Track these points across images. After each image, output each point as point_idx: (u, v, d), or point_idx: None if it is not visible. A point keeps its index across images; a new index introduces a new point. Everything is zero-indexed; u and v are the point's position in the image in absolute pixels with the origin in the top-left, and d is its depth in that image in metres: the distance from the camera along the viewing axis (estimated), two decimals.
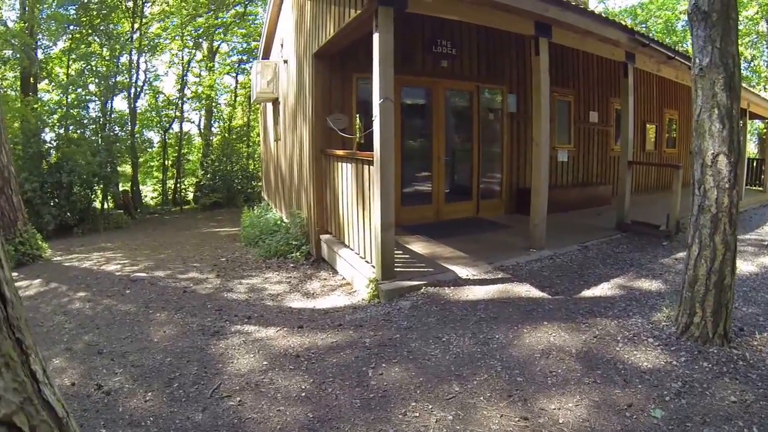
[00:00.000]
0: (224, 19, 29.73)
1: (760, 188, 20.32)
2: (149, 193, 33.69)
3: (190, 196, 31.93)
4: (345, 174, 8.25)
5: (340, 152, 8.52)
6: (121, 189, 26.34)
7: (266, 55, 17.94)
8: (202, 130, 33.98)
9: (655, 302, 5.91)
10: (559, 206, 11.49)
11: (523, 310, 5.81)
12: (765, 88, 24.87)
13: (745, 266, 7.60)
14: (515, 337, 5.05)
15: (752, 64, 29.08)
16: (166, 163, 31.94)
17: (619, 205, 10.52)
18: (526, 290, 6.52)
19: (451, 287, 6.72)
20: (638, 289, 6.53)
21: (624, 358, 4.47)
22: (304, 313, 6.72)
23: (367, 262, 7.47)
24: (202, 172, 29.86)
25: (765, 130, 24.86)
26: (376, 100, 6.56)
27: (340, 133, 8.97)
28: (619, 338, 4.86)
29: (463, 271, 7.27)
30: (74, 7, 25.07)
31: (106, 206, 22.08)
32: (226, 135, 33.07)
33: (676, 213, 9.49)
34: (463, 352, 4.82)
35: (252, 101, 18.72)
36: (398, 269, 7.04)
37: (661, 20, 33.44)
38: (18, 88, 25.05)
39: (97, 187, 21.25)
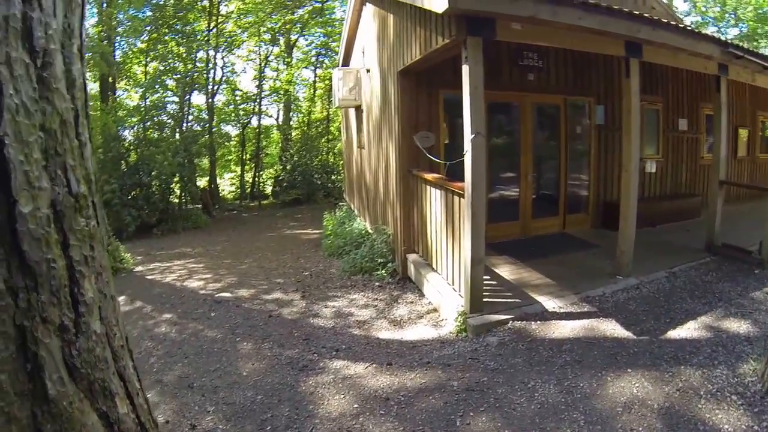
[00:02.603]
0: (301, 13, 29.79)
1: None
2: (227, 186, 34.11)
3: (268, 189, 32.17)
4: (434, 199, 8.28)
5: (429, 177, 8.49)
6: (199, 186, 26.75)
7: (347, 60, 17.92)
8: (281, 124, 34.13)
9: (742, 349, 5.71)
10: (647, 220, 11.23)
11: (608, 353, 5.76)
12: None
13: None
14: (599, 386, 5.02)
15: None
16: (245, 156, 32.29)
17: (709, 226, 10.10)
18: (611, 328, 6.45)
19: (538, 322, 6.73)
20: (726, 330, 6.31)
21: (705, 418, 4.38)
22: (392, 346, 6.77)
23: (454, 290, 7.51)
24: (281, 167, 30.12)
25: None
26: (467, 135, 6.58)
27: (428, 155, 8.96)
28: (702, 392, 4.76)
29: (549, 303, 7.27)
30: (150, 10, 25.69)
31: (184, 205, 22.39)
32: (306, 129, 33.29)
33: None
34: (548, 402, 4.82)
35: (333, 107, 18.74)
36: (485, 298, 7.06)
37: (751, 7, 32.11)
38: (98, 91, 25.85)
39: (175, 186, 21.75)
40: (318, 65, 33.99)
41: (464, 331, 6.72)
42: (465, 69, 6.52)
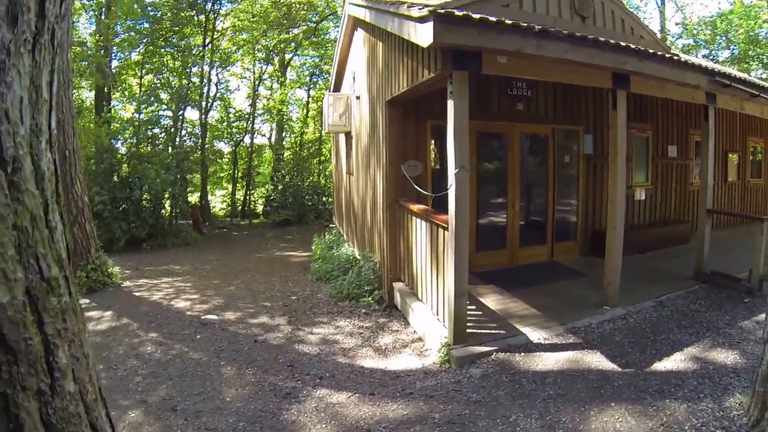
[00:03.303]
0: (295, 33, 29.99)
1: None
2: (218, 203, 34.14)
3: (260, 208, 32.24)
4: (419, 230, 8.29)
5: (415, 208, 8.50)
6: (190, 201, 26.74)
7: (338, 85, 17.97)
8: (273, 144, 34.33)
9: (729, 382, 5.67)
10: (636, 247, 11.28)
11: (592, 387, 5.72)
12: None
13: None
14: (581, 420, 4.99)
15: None
16: (237, 174, 32.42)
17: (697, 254, 10.12)
18: (596, 361, 6.42)
19: (522, 354, 6.70)
20: (713, 362, 6.29)
21: None
22: (376, 375, 6.73)
23: (439, 320, 7.49)
24: (272, 186, 30.18)
25: None
26: (451, 170, 6.60)
27: (414, 185, 8.90)
28: (686, 427, 4.72)
29: (534, 334, 7.24)
30: (147, 22, 25.92)
31: (174, 221, 22.34)
32: (298, 150, 33.42)
33: (759, 269, 9.01)
34: None
35: (324, 131, 18.82)
36: (470, 329, 7.05)
37: (742, 29, 32.29)
38: (92, 102, 25.95)
39: (166, 202, 21.70)
40: (311, 86, 34.28)
41: (448, 362, 6.69)
42: (450, 104, 6.54)
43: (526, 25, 6.34)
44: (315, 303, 10.39)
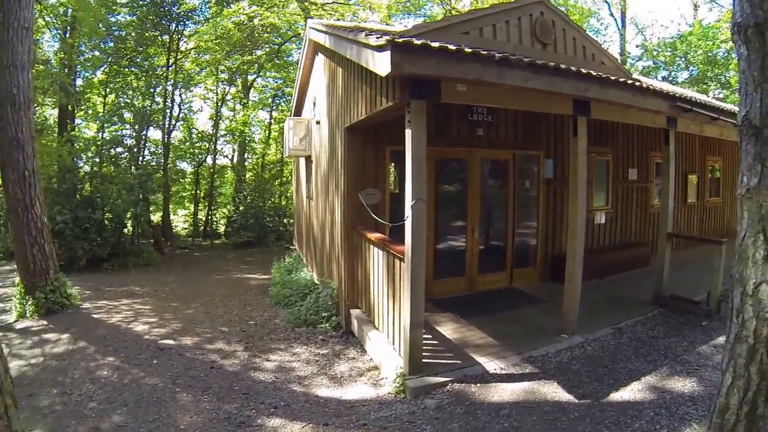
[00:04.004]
0: (258, 54, 30.04)
1: None
2: (180, 223, 33.90)
3: (222, 229, 32.11)
4: (376, 259, 8.24)
5: (372, 236, 8.43)
6: (153, 221, 26.53)
7: (299, 109, 17.93)
8: (235, 164, 34.26)
9: (686, 411, 5.68)
10: (596, 272, 11.27)
11: (547, 419, 5.67)
12: None
13: None
14: None
15: None
16: (199, 194, 32.25)
17: (657, 278, 10.19)
18: (552, 391, 6.37)
19: (478, 384, 6.64)
20: (670, 390, 6.28)
21: None
22: (331, 405, 6.66)
23: (395, 349, 7.43)
24: (234, 207, 30.13)
25: None
26: (407, 201, 6.56)
27: (372, 214, 8.90)
28: None
29: (491, 364, 7.18)
30: (112, 42, 25.78)
31: (136, 240, 22.08)
32: (259, 171, 33.43)
33: (717, 291, 9.13)
34: None
35: (284, 156, 18.80)
36: (426, 359, 6.99)
37: (701, 50, 32.91)
38: (56, 120, 25.69)
39: (128, 222, 21.47)
40: (274, 107, 34.45)
41: (403, 393, 6.63)
42: (408, 133, 6.50)
43: (486, 53, 6.32)
44: (272, 328, 10.32)
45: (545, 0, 9.13)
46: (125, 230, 21.43)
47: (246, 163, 34.70)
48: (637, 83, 8.68)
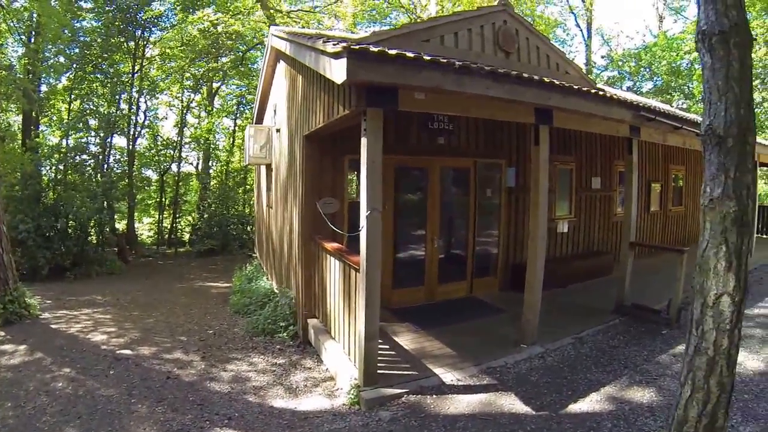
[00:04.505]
0: (224, 62, 29.97)
1: None
2: (145, 231, 33.63)
3: (186, 236, 31.93)
4: (333, 269, 8.17)
5: (329, 246, 8.38)
6: (118, 229, 26.46)
7: (260, 116, 17.83)
8: (200, 172, 34.14)
9: (644, 422, 5.66)
10: (558, 280, 11.32)
11: None
12: None
13: (749, 361, 7.32)
14: None
15: (762, 107, 28.67)
16: (164, 202, 32.01)
17: (619, 287, 10.22)
18: (510, 403, 6.32)
19: (434, 396, 6.56)
20: (629, 401, 6.26)
21: None
22: (285, 416, 6.56)
23: (350, 360, 7.35)
24: (198, 215, 30.07)
25: None
26: (363, 211, 6.46)
27: (329, 224, 8.79)
28: None
29: (448, 375, 7.11)
30: (77, 48, 25.47)
31: (100, 249, 21.79)
32: (224, 179, 33.28)
33: (678, 300, 9.18)
34: None
35: (245, 163, 18.73)
36: (382, 370, 6.92)
37: (665, 61, 33.45)
38: (20, 127, 25.31)
39: (92, 231, 21.21)
40: (238, 115, 34.39)
41: (357, 404, 6.54)
42: (363, 141, 6.41)
43: (445, 60, 6.26)
44: (231, 338, 10.21)
45: (509, 8, 9.18)
46: (89, 239, 21.13)
47: (210, 171, 34.65)
48: (601, 92, 8.70)
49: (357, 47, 5.64)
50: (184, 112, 32.13)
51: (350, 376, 6.94)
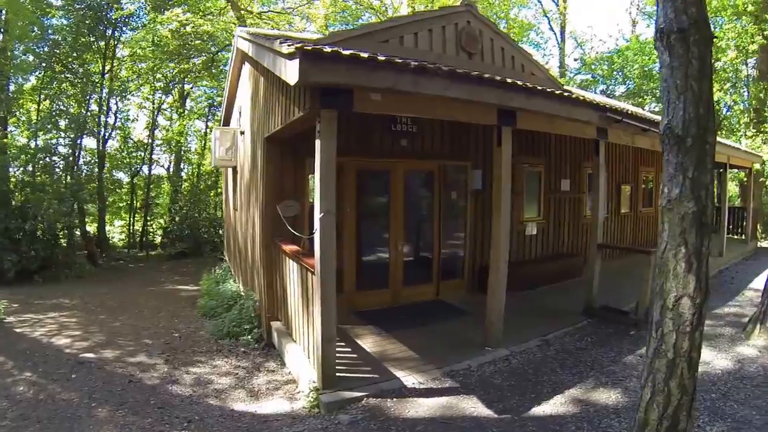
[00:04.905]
0: (195, 63, 29.59)
1: (743, 237, 20.62)
2: (116, 234, 33.35)
3: (158, 239, 31.61)
4: (292, 271, 8.14)
5: (287, 248, 8.37)
6: (88, 232, 26.11)
7: (227, 118, 17.70)
8: (171, 175, 33.86)
9: (609, 424, 5.67)
10: (526, 282, 11.38)
11: None
12: (745, 134, 24.86)
13: (718, 360, 7.40)
14: None
15: (733, 110, 29.05)
16: (135, 204, 31.65)
17: (587, 289, 10.27)
18: (471, 406, 6.29)
19: (395, 399, 6.53)
20: (594, 403, 6.27)
21: None
22: (244, 420, 6.52)
23: (310, 363, 7.29)
24: (170, 218, 29.91)
25: (746, 179, 24.91)
26: (317, 213, 6.43)
27: (288, 227, 8.79)
28: None
29: (409, 379, 7.08)
30: (47, 46, 25.13)
31: (69, 252, 21.50)
32: (195, 181, 33.06)
33: (646, 300, 9.18)
34: None
35: (211, 165, 18.63)
36: (343, 373, 6.90)
37: (637, 65, 33.66)
38: None
39: (60, 234, 20.89)
40: (209, 117, 34.01)
41: (317, 407, 6.50)
42: (317, 144, 6.37)
43: (401, 61, 6.24)
44: (196, 341, 10.13)
45: (472, 9, 9.14)
46: (59, 241, 20.78)
47: (182, 174, 34.37)
48: (566, 94, 8.70)
49: (310, 48, 5.60)
50: (156, 113, 31.75)
51: (309, 379, 6.90)
